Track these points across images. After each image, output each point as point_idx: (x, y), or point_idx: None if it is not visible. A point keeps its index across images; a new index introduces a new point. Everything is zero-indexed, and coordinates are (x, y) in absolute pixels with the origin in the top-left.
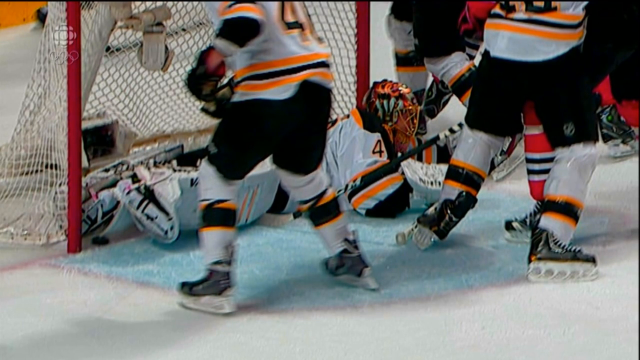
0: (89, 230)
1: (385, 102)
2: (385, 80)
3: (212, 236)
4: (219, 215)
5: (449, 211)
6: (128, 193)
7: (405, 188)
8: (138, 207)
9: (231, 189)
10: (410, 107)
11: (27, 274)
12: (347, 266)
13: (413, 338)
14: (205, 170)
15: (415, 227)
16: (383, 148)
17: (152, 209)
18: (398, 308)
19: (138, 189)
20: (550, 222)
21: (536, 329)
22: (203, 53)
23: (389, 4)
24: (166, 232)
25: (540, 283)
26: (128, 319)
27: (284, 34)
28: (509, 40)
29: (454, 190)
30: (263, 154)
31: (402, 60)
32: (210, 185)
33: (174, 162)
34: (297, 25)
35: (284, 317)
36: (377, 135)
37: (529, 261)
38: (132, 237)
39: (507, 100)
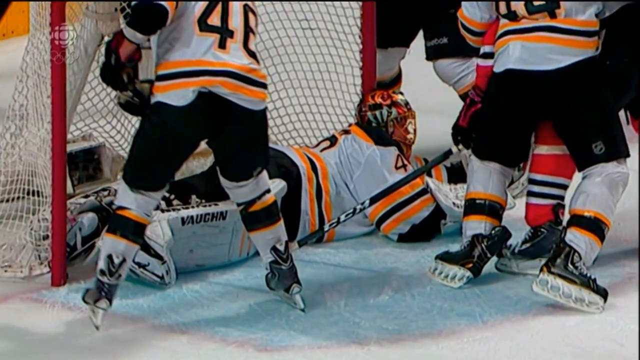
0: (68, 257)
1: (377, 112)
2: (376, 90)
3: (104, 242)
4: (114, 221)
5: (483, 247)
6: None
7: (438, 212)
8: None
9: (138, 197)
10: (405, 114)
11: (8, 308)
12: (276, 279)
13: None
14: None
15: (439, 266)
16: (405, 161)
17: (142, 256)
18: (407, 345)
19: None
20: (576, 237)
21: None
22: (111, 42)
23: None
24: (162, 277)
25: (557, 315)
26: (116, 357)
27: (197, 35)
28: (521, 49)
29: (480, 224)
30: (166, 163)
31: (378, 87)
32: (120, 189)
33: (162, 203)
34: (219, 30)
35: (284, 355)
36: (393, 149)
37: (541, 270)
38: None
39: (519, 122)
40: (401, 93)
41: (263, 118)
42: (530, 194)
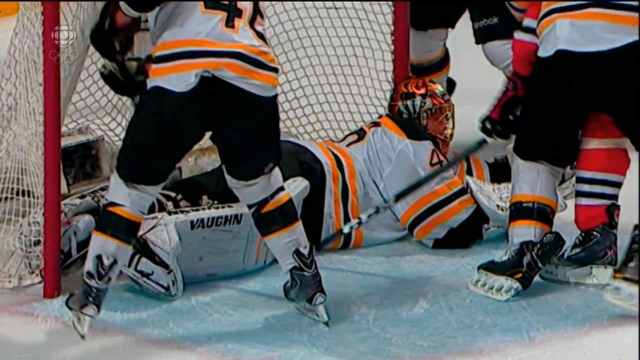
0: (62, 266)
1: (409, 102)
2: (410, 78)
3: (93, 242)
4: (104, 219)
5: (533, 256)
6: None
7: (479, 215)
8: (129, 264)
9: (132, 193)
10: (442, 105)
11: None
12: (297, 288)
13: None
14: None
15: (482, 277)
16: (441, 157)
17: (146, 264)
18: None
19: None
20: None
21: None
22: (108, 5)
23: None
24: (168, 288)
25: (613, 331)
26: None
27: (201, 13)
28: (570, 27)
29: (528, 230)
30: (164, 156)
31: (419, 71)
32: (112, 183)
33: (169, 204)
34: (227, 8)
35: None
36: (428, 144)
37: (613, 277)
38: (119, 278)
39: (570, 113)
40: (451, 81)
41: (274, 106)
42: (580, 194)
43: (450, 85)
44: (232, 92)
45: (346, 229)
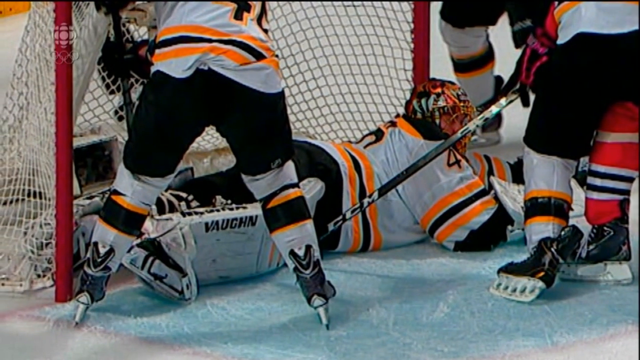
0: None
1: (423, 100)
2: (431, 80)
3: (95, 229)
4: (106, 207)
5: (554, 253)
6: (128, 251)
7: (502, 216)
8: (142, 267)
9: (134, 183)
10: (455, 104)
11: (5, 327)
12: (302, 288)
13: None
14: None
15: (503, 280)
16: (458, 157)
17: (159, 267)
18: None
19: (141, 244)
20: None
21: None
22: None
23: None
24: (181, 292)
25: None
26: None
27: (211, 3)
28: (596, 10)
29: (546, 226)
30: (165, 147)
31: (460, 66)
32: (119, 172)
33: (182, 205)
34: (236, 0)
35: None
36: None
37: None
38: (133, 281)
39: (591, 103)
40: (499, 79)
41: (277, 103)
42: (591, 187)
43: (499, 83)
44: (229, 87)
45: (331, 227)
